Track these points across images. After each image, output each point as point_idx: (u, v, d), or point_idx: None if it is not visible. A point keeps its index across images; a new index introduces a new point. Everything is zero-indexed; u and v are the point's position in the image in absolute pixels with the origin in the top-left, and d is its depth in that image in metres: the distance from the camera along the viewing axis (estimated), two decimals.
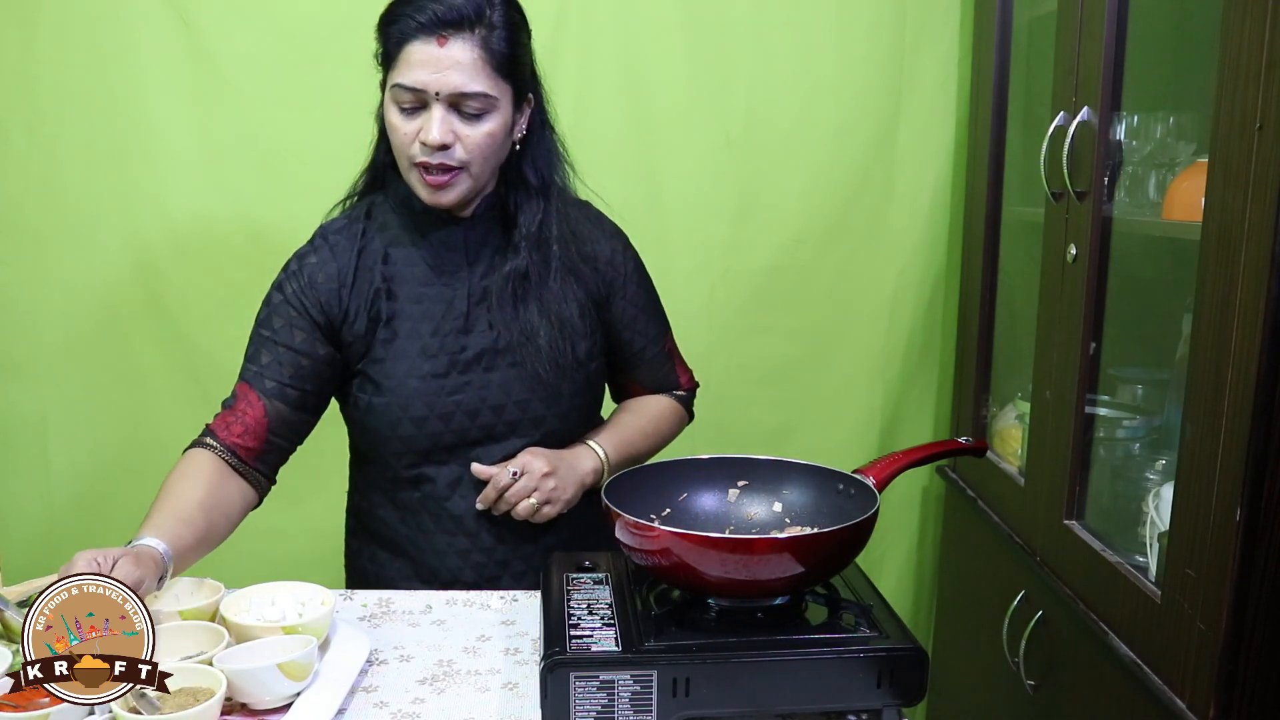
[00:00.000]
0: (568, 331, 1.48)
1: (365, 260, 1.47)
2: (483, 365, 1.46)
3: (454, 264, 1.48)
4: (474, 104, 1.35)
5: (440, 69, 1.32)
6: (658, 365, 1.64)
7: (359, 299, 1.45)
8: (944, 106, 2.15)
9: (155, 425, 2.16)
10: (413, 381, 1.44)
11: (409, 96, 1.35)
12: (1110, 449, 1.67)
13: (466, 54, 1.33)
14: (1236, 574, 1.18)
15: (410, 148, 1.37)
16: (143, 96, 2.04)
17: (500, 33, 1.35)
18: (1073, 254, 1.57)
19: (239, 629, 1.21)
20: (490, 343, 1.46)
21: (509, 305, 1.46)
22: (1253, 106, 1.13)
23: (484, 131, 1.37)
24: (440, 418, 1.45)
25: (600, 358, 1.56)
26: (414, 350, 1.45)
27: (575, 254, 1.51)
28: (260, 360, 1.45)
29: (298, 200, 2.08)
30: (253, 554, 2.18)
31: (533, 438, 1.49)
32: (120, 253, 2.10)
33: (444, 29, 1.32)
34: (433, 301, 1.47)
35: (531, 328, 1.46)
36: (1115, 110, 1.52)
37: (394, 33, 1.35)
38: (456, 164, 1.38)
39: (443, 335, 1.46)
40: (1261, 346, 1.13)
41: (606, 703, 1.08)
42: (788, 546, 1.12)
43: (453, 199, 1.41)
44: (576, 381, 1.50)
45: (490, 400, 1.46)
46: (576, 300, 1.50)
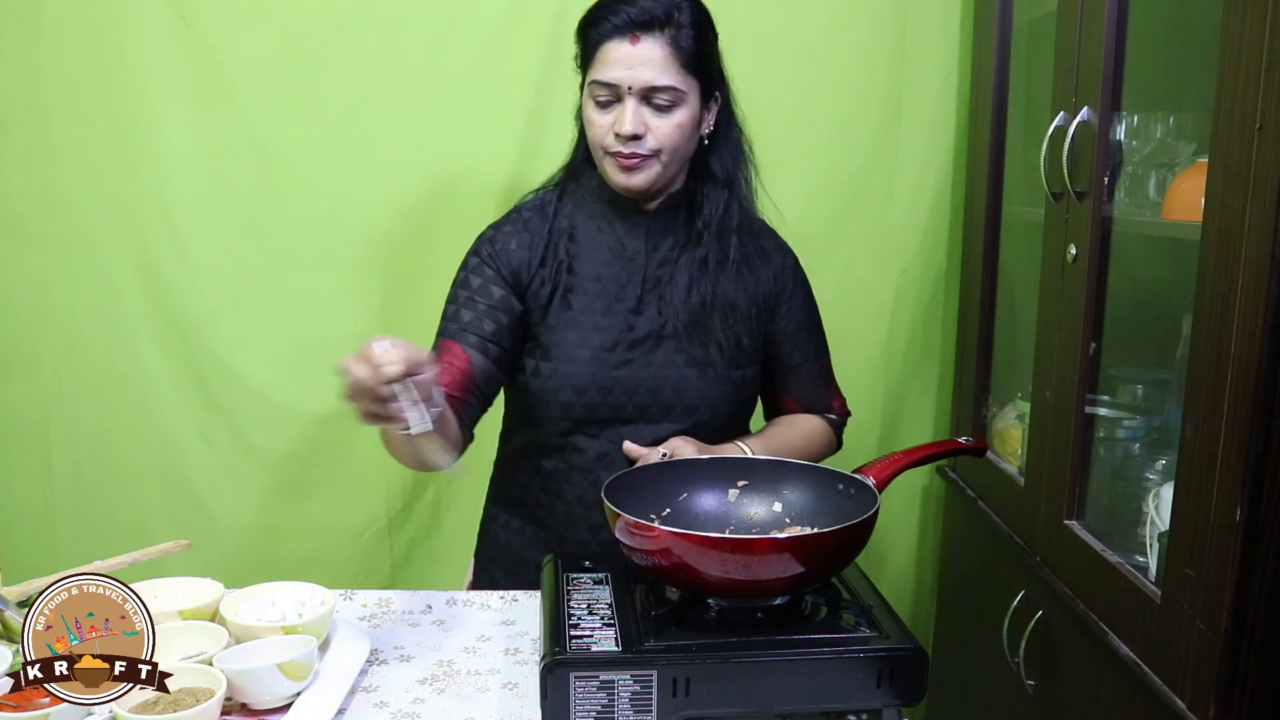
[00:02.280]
0: (736, 320, 1.56)
1: (554, 236, 1.57)
2: (647, 346, 1.53)
3: (635, 249, 1.56)
4: (664, 97, 1.45)
5: (633, 65, 1.44)
6: (813, 384, 1.70)
7: (545, 270, 1.55)
8: (944, 107, 2.15)
9: (158, 425, 2.16)
10: (581, 351, 1.51)
11: (605, 92, 1.46)
12: (1110, 449, 1.67)
13: (657, 51, 1.44)
14: (1237, 574, 1.18)
15: (605, 138, 1.48)
16: (144, 97, 2.04)
17: (688, 32, 1.46)
18: (1073, 254, 1.57)
19: (239, 629, 1.21)
20: (658, 327, 1.54)
21: (683, 290, 1.54)
22: (1253, 106, 1.13)
23: (674, 123, 1.47)
24: (599, 389, 1.51)
25: (758, 365, 1.61)
26: (586, 323, 1.53)
27: (753, 250, 1.60)
28: (461, 318, 1.53)
29: (299, 200, 2.09)
30: (252, 553, 2.19)
31: (684, 424, 1.53)
32: (121, 253, 2.09)
33: (636, 29, 1.44)
34: (610, 281, 1.55)
35: (702, 312, 1.54)
36: (1115, 110, 1.52)
37: (592, 35, 1.48)
38: (648, 152, 1.47)
39: (614, 314, 1.54)
40: (1261, 346, 1.13)
41: (606, 703, 1.08)
42: (788, 546, 1.12)
43: (642, 182, 1.49)
44: (735, 376, 1.56)
45: (649, 381, 1.52)
46: (748, 293, 1.58)
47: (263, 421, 2.17)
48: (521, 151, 2.08)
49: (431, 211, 2.10)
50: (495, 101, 2.07)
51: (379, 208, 2.09)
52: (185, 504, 2.18)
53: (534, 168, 2.08)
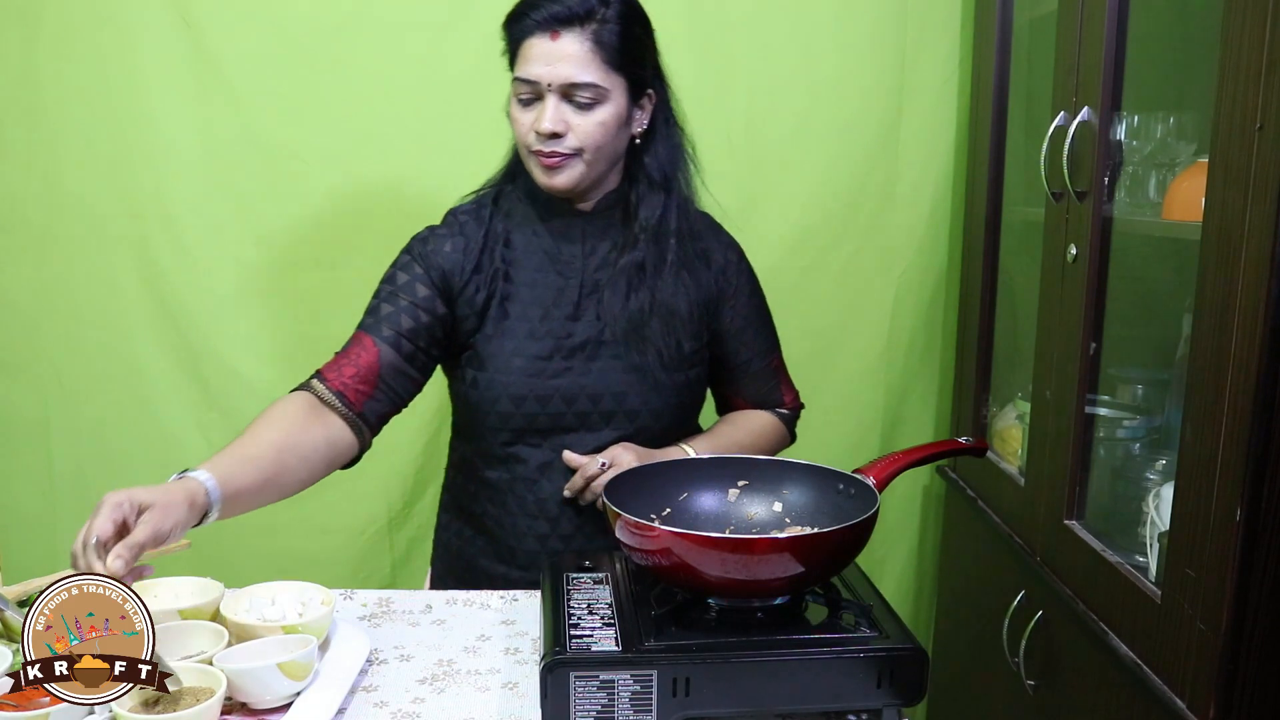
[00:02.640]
0: (675, 325, 1.53)
1: (489, 241, 1.54)
2: (586, 354, 1.51)
3: (571, 254, 1.54)
4: (585, 94, 1.42)
5: (552, 62, 1.41)
6: (763, 380, 1.67)
7: (479, 276, 1.52)
8: (945, 107, 2.15)
9: (158, 425, 2.16)
10: (517, 361, 1.50)
11: (526, 89, 1.44)
12: (1110, 449, 1.67)
13: (577, 47, 1.41)
14: (1237, 574, 1.18)
15: (527, 137, 1.45)
16: (144, 96, 2.04)
17: (612, 27, 1.43)
18: (1073, 254, 1.57)
19: (239, 628, 1.21)
20: (596, 333, 1.51)
21: (620, 297, 1.51)
22: (1253, 106, 1.13)
23: (595, 121, 1.44)
24: (538, 399, 1.50)
25: (703, 365, 1.59)
26: (522, 331, 1.51)
27: (692, 252, 1.57)
28: (379, 312, 1.51)
29: (299, 199, 2.09)
30: (252, 552, 2.19)
31: (626, 431, 1.52)
32: (122, 252, 2.10)
33: (557, 24, 1.41)
34: (546, 288, 1.53)
35: (641, 319, 1.51)
36: (1115, 110, 1.52)
37: (514, 31, 1.45)
38: (569, 150, 1.45)
39: (551, 321, 1.51)
40: (1261, 347, 1.13)
41: (606, 702, 1.08)
42: (788, 546, 1.12)
43: (564, 181, 1.47)
44: (677, 380, 1.54)
45: (589, 389, 1.50)
46: (688, 297, 1.55)
47: None
48: None
49: (432, 210, 2.09)
50: (496, 100, 2.05)
51: (379, 206, 2.09)
52: None
53: None
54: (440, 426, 2.17)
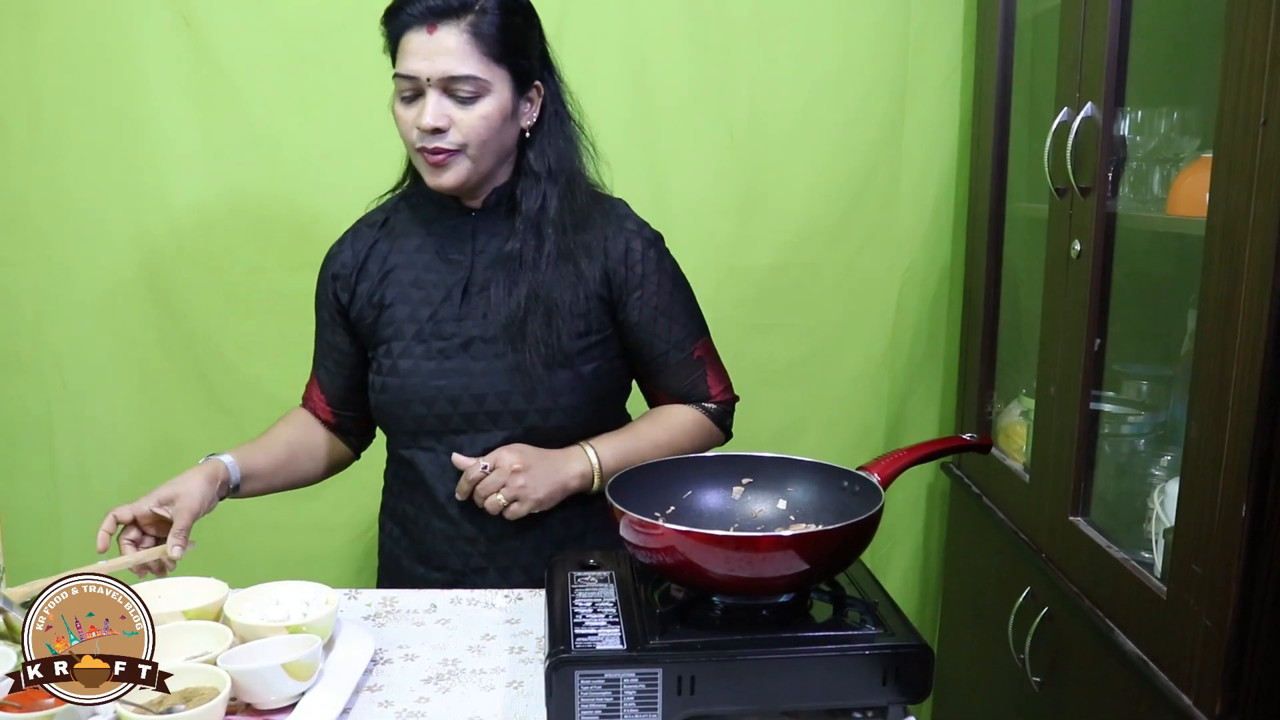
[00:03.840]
0: (555, 320, 1.48)
1: (379, 248, 1.56)
2: (470, 353, 1.49)
3: (459, 251, 1.53)
4: (465, 87, 1.40)
5: (430, 56, 1.39)
6: (683, 373, 1.59)
7: (366, 284, 1.54)
8: (948, 103, 2.14)
9: (161, 423, 2.17)
10: (404, 363, 1.50)
11: (407, 85, 1.42)
12: (1115, 445, 1.67)
13: (454, 39, 1.39)
14: (1242, 570, 1.17)
15: (410, 134, 1.44)
16: (145, 94, 2.04)
17: (491, 18, 1.40)
18: (1077, 250, 1.56)
19: (243, 628, 1.21)
20: (480, 331, 1.49)
21: (502, 290, 1.48)
22: (1257, 101, 1.12)
23: (478, 114, 1.42)
24: (424, 401, 1.49)
25: (606, 359, 1.54)
26: (409, 333, 1.50)
27: (574, 241, 1.50)
28: (315, 351, 1.65)
29: (302, 198, 2.09)
30: (256, 551, 2.19)
31: (514, 432, 1.49)
32: (124, 250, 2.10)
33: (433, 18, 1.39)
34: (433, 287, 1.52)
35: (519, 313, 1.47)
36: (1119, 106, 1.52)
37: (393, 26, 1.43)
38: (453, 146, 1.43)
39: (438, 320, 1.50)
40: (1266, 342, 1.12)
41: (612, 701, 1.08)
42: (792, 544, 1.12)
43: (452, 180, 1.45)
44: (561, 378, 1.48)
45: (473, 389, 1.48)
46: (570, 288, 1.49)
47: (267, 420, 2.14)
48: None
49: None
50: None
51: None
52: None
53: None
54: None
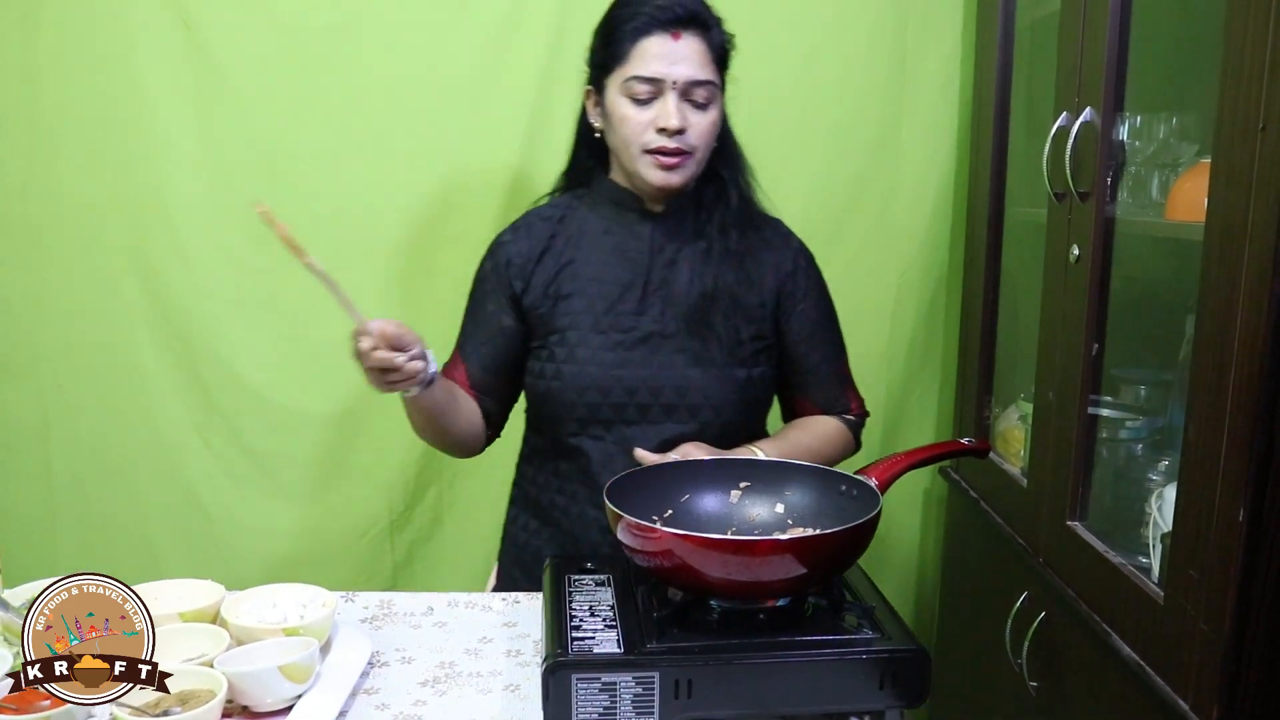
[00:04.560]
0: (737, 314, 1.55)
1: (556, 242, 1.59)
2: (649, 346, 1.53)
3: (638, 250, 1.57)
4: (702, 93, 1.48)
5: (675, 61, 1.46)
6: (830, 385, 1.67)
7: (543, 275, 1.58)
8: (946, 108, 2.14)
9: (158, 428, 2.16)
10: (581, 351, 1.53)
11: (645, 88, 1.47)
12: (1113, 450, 1.67)
13: (696, 47, 1.47)
14: (1240, 575, 1.17)
15: (643, 135, 1.49)
16: (143, 97, 2.03)
17: (718, 31, 1.51)
18: (1075, 255, 1.57)
19: (240, 631, 1.21)
20: (660, 327, 1.54)
21: (685, 286, 1.55)
22: (1255, 107, 1.12)
23: (709, 119, 1.50)
24: (600, 389, 1.52)
25: (769, 365, 1.60)
26: (587, 324, 1.54)
27: (755, 242, 1.60)
28: (465, 330, 1.65)
29: (300, 201, 2.08)
30: (253, 555, 2.19)
31: (688, 426, 1.53)
32: (121, 254, 2.09)
33: (678, 25, 1.46)
34: (612, 283, 1.56)
35: (704, 305, 1.54)
36: (1118, 111, 1.52)
37: (628, 31, 1.49)
38: (687, 148, 1.49)
39: (617, 314, 1.54)
40: (1264, 347, 1.12)
41: (608, 704, 1.08)
42: (790, 548, 1.12)
43: (680, 180, 1.51)
44: (739, 375, 1.55)
45: (650, 381, 1.52)
46: (749, 289, 1.58)
47: (263, 424, 2.16)
48: (525, 150, 2.08)
49: (434, 211, 2.10)
50: (498, 100, 2.06)
51: (381, 208, 2.09)
52: (185, 507, 2.17)
53: (538, 166, 2.08)
54: None
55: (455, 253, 2.10)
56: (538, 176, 2.08)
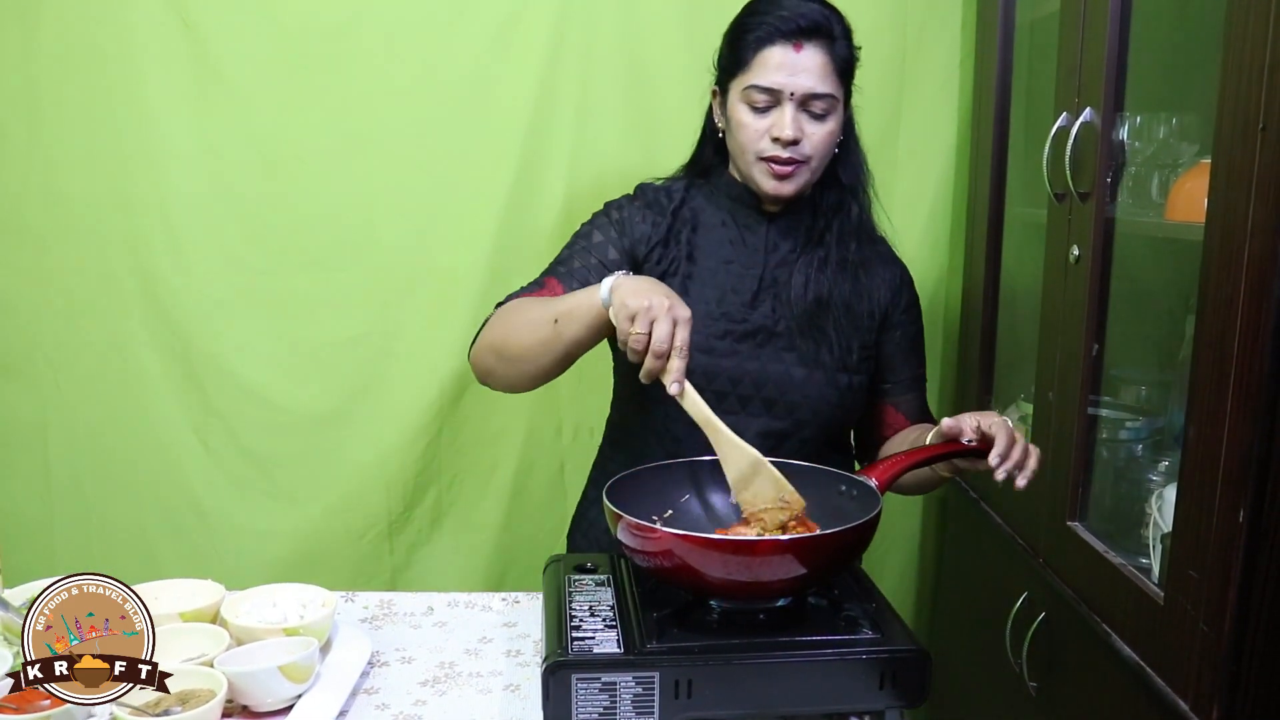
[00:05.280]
0: (850, 324, 1.55)
1: (677, 223, 1.58)
2: (757, 340, 1.53)
3: (754, 247, 1.57)
4: (820, 105, 1.46)
5: (795, 72, 1.44)
6: (918, 398, 1.67)
7: (663, 250, 1.56)
8: (946, 107, 2.14)
9: (155, 429, 2.15)
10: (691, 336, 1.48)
11: (763, 97, 1.46)
12: (1113, 450, 1.67)
13: (817, 59, 1.45)
14: (1240, 575, 1.17)
15: (759, 143, 1.48)
16: (143, 97, 2.03)
17: (842, 43, 1.48)
18: (1075, 255, 1.57)
19: (240, 631, 1.21)
20: (770, 324, 1.53)
21: (799, 290, 1.54)
22: (1256, 107, 1.12)
23: (826, 130, 1.48)
24: (705, 375, 1.50)
25: (866, 375, 1.59)
26: (699, 310, 1.50)
27: (873, 255, 1.60)
28: (572, 264, 1.55)
29: (298, 201, 2.08)
30: (251, 556, 2.18)
31: (784, 423, 1.53)
32: (120, 255, 2.09)
33: (800, 36, 1.44)
34: (726, 274, 1.55)
35: (818, 311, 1.54)
36: (1118, 111, 1.52)
37: (751, 40, 1.47)
38: (801, 158, 1.48)
39: (728, 305, 1.53)
40: (1265, 347, 1.12)
41: (609, 704, 1.08)
42: (790, 548, 1.12)
43: (792, 189, 1.50)
44: (840, 382, 1.54)
45: (754, 373, 1.52)
46: (864, 299, 1.58)
47: (261, 424, 2.16)
48: (523, 153, 2.08)
49: (430, 213, 2.10)
50: (496, 102, 2.06)
51: (378, 209, 2.09)
52: (183, 508, 2.17)
53: (535, 169, 2.08)
54: (441, 429, 2.16)
55: (451, 254, 2.10)
56: (537, 178, 2.08)
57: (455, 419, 2.16)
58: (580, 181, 2.09)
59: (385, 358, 2.14)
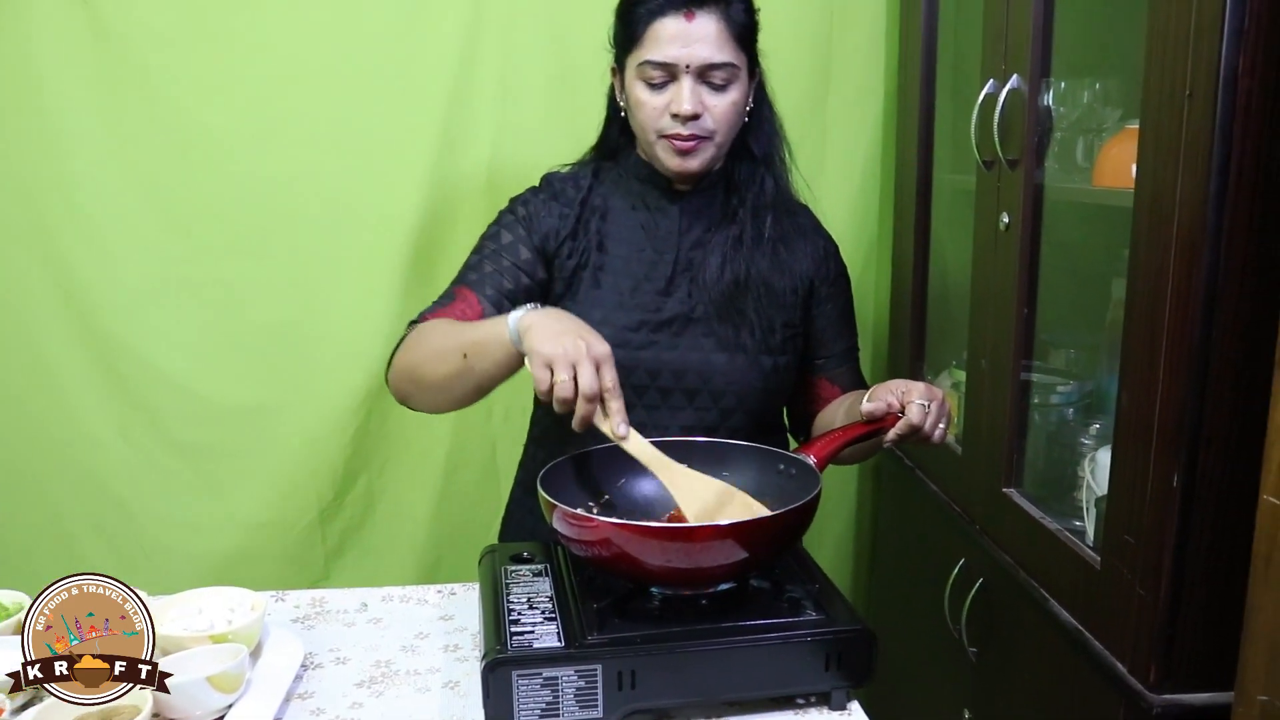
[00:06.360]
0: (770, 302, 1.49)
1: (586, 212, 1.52)
2: (673, 329, 1.48)
3: (667, 230, 1.51)
4: (720, 75, 1.40)
5: (689, 43, 1.38)
6: (851, 370, 1.63)
7: (573, 243, 1.50)
8: (873, 76, 2.13)
9: (74, 425, 2.07)
10: (604, 330, 1.40)
11: (658, 72, 1.40)
12: (1045, 415, 1.68)
13: (712, 26, 1.39)
14: (1175, 539, 1.18)
15: (659, 121, 1.42)
16: (38, 77, 1.92)
17: (738, 6, 1.42)
18: (1005, 222, 1.56)
19: (165, 640, 1.16)
20: (687, 310, 1.48)
21: (715, 271, 1.48)
22: (1182, 74, 1.12)
23: (729, 101, 1.42)
24: (623, 369, 1.40)
25: (794, 354, 1.55)
26: (611, 302, 1.47)
27: (791, 228, 1.54)
28: (483, 269, 1.49)
29: (215, 185, 2.00)
30: (178, 551, 2.12)
31: (710, 413, 1.48)
32: (23, 244, 1.99)
33: (691, 5, 1.38)
34: (639, 262, 1.50)
35: (735, 292, 1.48)
36: (1044, 77, 1.51)
37: (641, 12, 1.40)
38: (704, 133, 1.42)
39: (642, 294, 1.48)
40: (1195, 314, 1.13)
41: (551, 700, 1.06)
42: (731, 533, 1.10)
43: (697, 166, 1.44)
44: (764, 365, 1.49)
45: (673, 364, 1.47)
46: (784, 274, 1.52)
47: (185, 416, 2.09)
48: (445, 129, 2.03)
49: (352, 194, 2.03)
50: (415, 78, 2.00)
51: (297, 192, 2.02)
52: (106, 504, 2.10)
53: (458, 146, 2.03)
54: (370, 415, 2.11)
55: (374, 236, 2.04)
56: (460, 155, 2.04)
57: (384, 404, 2.11)
58: (505, 158, 2.04)
59: (310, 343, 2.09)
